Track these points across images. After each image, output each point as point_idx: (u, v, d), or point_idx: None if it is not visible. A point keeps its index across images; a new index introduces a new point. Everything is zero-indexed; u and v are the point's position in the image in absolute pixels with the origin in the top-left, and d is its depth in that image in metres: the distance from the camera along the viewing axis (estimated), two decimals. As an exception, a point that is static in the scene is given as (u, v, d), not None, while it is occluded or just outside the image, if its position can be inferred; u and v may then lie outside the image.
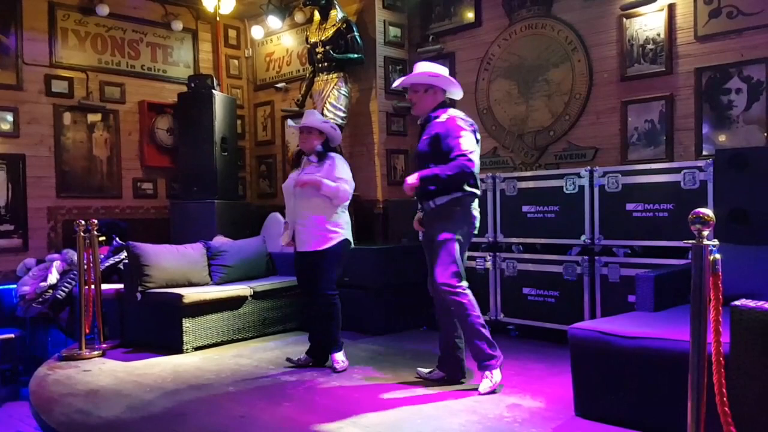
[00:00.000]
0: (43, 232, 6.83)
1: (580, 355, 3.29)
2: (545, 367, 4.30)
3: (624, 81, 5.47)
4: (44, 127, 6.86)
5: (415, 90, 4.01)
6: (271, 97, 8.22)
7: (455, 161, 3.73)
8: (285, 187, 4.60)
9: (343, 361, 4.37)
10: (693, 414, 2.21)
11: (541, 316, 5.12)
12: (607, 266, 4.76)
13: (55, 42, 6.95)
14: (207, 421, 3.37)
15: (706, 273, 2.18)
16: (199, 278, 5.56)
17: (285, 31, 7.94)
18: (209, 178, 7.12)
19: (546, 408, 3.47)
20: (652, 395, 2.99)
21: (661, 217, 4.51)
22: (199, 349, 5.08)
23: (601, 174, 4.82)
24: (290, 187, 4.50)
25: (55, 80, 6.93)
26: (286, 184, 4.57)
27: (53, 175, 6.92)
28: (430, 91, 3.99)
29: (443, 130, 3.84)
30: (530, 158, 6.07)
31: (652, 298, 3.68)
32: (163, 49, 7.85)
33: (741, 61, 4.83)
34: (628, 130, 5.45)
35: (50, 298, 5.94)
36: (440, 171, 3.75)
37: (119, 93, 7.43)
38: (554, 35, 5.89)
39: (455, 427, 3.19)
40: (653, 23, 5.28)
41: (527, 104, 6.12)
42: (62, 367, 4.70)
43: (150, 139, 7.64)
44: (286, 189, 4.56)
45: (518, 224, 5.29)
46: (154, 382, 4.20)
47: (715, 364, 2.13)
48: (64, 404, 3.74)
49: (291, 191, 4.49)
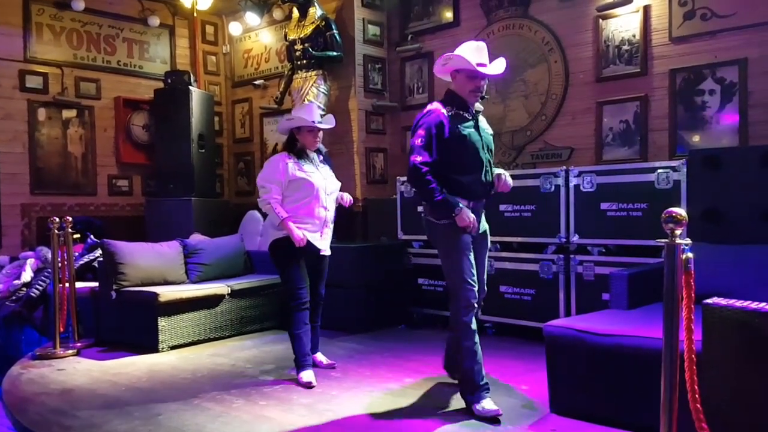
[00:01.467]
0: (16, 229, 6.72)
1: (555, 352, 3.33)
2: (521, 364, 4.34)
3: (600, 82, 5.53)
4: (18, 122, 6.75)
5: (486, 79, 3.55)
6: (249, 94, 8.18)
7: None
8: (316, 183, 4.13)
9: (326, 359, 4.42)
10: (666, 410, 2.25)
11: (517, 313, 5.16)
12: (582, 264, 4.81)
13: (29, 37, 6.84)
14: (184, 420, 3.35)
15: (678, 271, 2.21)
16: (175, 276, 5.52)
17: (263, 27, 7.90)
18: (186, 176, 7.07)
19: (522, 404, 3.50)
20: (626, 392, 3.04)
21: (635, 217, 4.56)
22: (175, 348, 5.05)
23: (577, 174, 4.86)
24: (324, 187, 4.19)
25: (30, 75, 6.83)
26: (317, 181, 4.15)
27: (27, 171, 6.81)
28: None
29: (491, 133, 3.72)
30: (507, 158, 6.12)
31: (626, 296, 3.73)
32: (139, 44, 7.77)
33: (715, 63, 4.91)
34: (603, 130, 5.51)
35: (24, 296, 5.86)
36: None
37: (95, 89, 7.34)
38: (531, 36, 5.94)
39: (431, 425, 3.21)
40: (629, 24, 5.34)
41: (504, 104, 6.16)
42: (36, 366, 4.64)
43: (126, 135, 7.56)
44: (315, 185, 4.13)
45: (495, 223, 5.28)
46: (129, 381, 4.16)
47: (687, 361, 2.17)
48: (38, 403, 3.70)
49: (326, 189, 4.21)
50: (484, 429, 3.14)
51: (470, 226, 3.38)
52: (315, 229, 4.16)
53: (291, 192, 4.12)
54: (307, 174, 4.14)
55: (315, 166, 4.25)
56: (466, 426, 3.18)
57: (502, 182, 3.59)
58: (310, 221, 4.14)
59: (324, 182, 4.22)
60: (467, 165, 3.44)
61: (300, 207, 4.12)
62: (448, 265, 3.48)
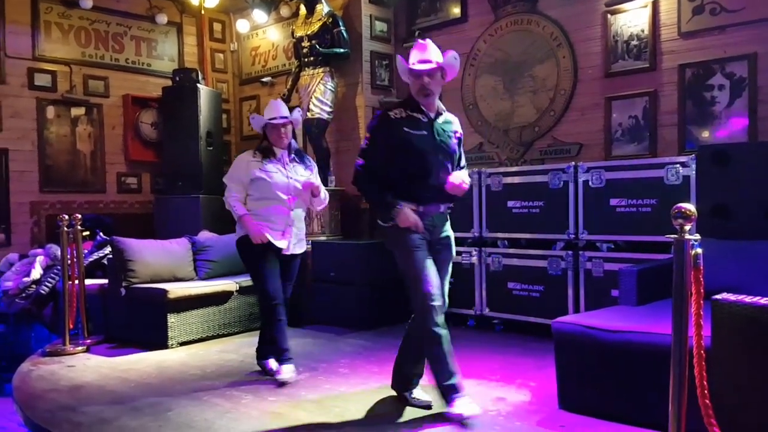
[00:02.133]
0: (26, 227, 6.76)
1: (564, 348, 3.32)
2: (530, 361, 4.33)
3: (608, 77, 5.50)
4: (27, 121, 6.79)
5: (433, 75, 3.35)
6: (256, 91, 8.19)
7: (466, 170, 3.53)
8: (275, 182, 4.12)
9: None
10: (674, 406, 2.24)
11: (525, 310, 5.15)
12: (591, 261, 4.79)
13: (38, 35, 6.87)
14: (193, 416, 3.36)
15: (687, 267, 2.21)
16: (184, 273, 5.54)
17: (270, 25, 7.91)
18: (194, 173, 7.09)
19: (530, 401, 3.50)
20: (635, 388, 3.03)
21: (645, 213, 4.55)
22: (184, 344, 5.07)
23: (585, 170, 4.85)
24: (285, 186, 4.14)
25: (38, 73, 6.86)
26: (278, 180, 4.13)
27: (36, 169, 6.85)
28: (442, 76, 3.41)
29: (461, 133, 3.55)
30: (515, 154, 6.10)
31: (635, 292, 3.71)
32: (147, 42, 7.79)
33: (724, 58, 4.88)
34: (612, 126, 5.48)
35: (33, 293, 5.89)
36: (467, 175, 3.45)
37: (103, 87, 7.37)
38: (539, 31, 5.92)
39: (441, 420, 3.20)
40: (637, 20, 5.31)
41: (512, 100, 6.14)
42: (46, 362, 4.67)
43: (134, 133, 7.59)
44: (276, 184, 4.12)
45: (503, 219, 5.32)
46: (138, 377, 4.19)
47: (696, 358, 2.16)
48: (48, 400, 3.72)
49: (286, 189, 4.14)
50: (494, 423, 3.14)
51: (413, 226, 3.28)
52: (276, 228, 4.13)
53: (252, 191, 4.14)
54: (268, 174, 4.12)
55: (282, 164, 4.19)
56: (476, 423, 3.17)
57: (449, 183, 3.31)
58: (270, 220, 4.12)
59: (287, 181, 4.15)
60: (413, 168, 3.34)
61: (261, 206, 4.13)
62: (402, 266, 3.35)
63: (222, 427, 3.18)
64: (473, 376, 4.00)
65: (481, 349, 4.73)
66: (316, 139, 6.67)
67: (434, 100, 3.41)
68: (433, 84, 3.34)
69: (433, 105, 3.42)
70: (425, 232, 3.34)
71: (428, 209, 3.36)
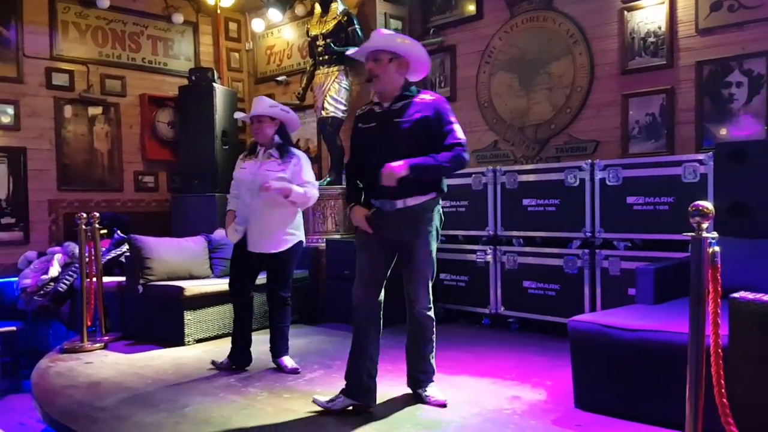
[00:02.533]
0: (44, 225, 6.84)
1: (580, 347, 3.30)
2: (545, 360, 4.32)
3: (625, 74, 5.46)
4: (45, 120, 6.86)
5: (377, 58, 3.28)
6: (271, 90, 8.21)
7: (452, 151, 3.22)
8: (241, 179, 4.24)
9: (293, 363, 4.25)
10: (691, 405, 2.23)
11: (541, 309, 5.13)
12: (608, 259, 4.77)
13: (55, 35, 6.94)
14: (209, 413, 3.38)
15: (705, 265, 2.19)
16: (200, 271, 5.58)
17: (286, 23, 7.94)
18: (210, 172, 7.13)
19: (546, 400, 3.49)
20: (652, 387, 3.01)
21: (662, 211, 4.51)
22: (201, 341, 5.11)
23: (602, 167, 4.82)
24: (249, 182, 4.17)
25: (56, 73, 6.93)
26: (243, 176, 4.22)
27: (54, 168, 6.93)
28: (395, 61, 3.30)
29: (432, 113, 3.28)
30: (531, 151, 6.07)
31: (652, 290, 3.69)
32: (163, 42, 7.84)
33: (742, 55, 4.82)
34: (629, 123, 5.44)
35: (52, 290, 5.96)
36: (435, 161, 3.19)
37: (120, 86, 7.43)
38: (555, 28, 5.88)
39: (456, 418, 3.21)
40: (654, 16, 5.27)
41: (528, 97, 6.11)
42: (64, 359, 4.72)
43: (151, 132, 7.65)
44: (243, 181, 4.22)
45: (519, 217, 5.30)
46: (155, 374, 4.22)
47: (713, 356, 2.15)
48: (66, 396, 3.76)
49: (250, 186, 4.16)
50: (509, 422, 3.13)
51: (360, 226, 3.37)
52: (242, 224, 4.22)
53: (233, 189, 4.39)
54: (239, 171, 4.31)
55: (255, 161, 4.24)
56: (489, 421, 3.17)
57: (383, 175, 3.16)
58: (243, 217, 4.22)
59: (251, 177, 4.17)
60: (359, 163, 3.41)
61: (237, 203, 4.30)
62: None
63: (238, 423, 3.20)
64: (488, 374, 3.99)
65: (497, 348, 4.72)
66: (330, 137, 6.68)
67: (386, 88, 3.33)
68: (379, 68, 3.28)
69: (386, 93, 3.36)
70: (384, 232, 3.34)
71: (383, 204, 3.34)
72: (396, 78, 3.33)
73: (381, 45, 3.30)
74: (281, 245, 4.21)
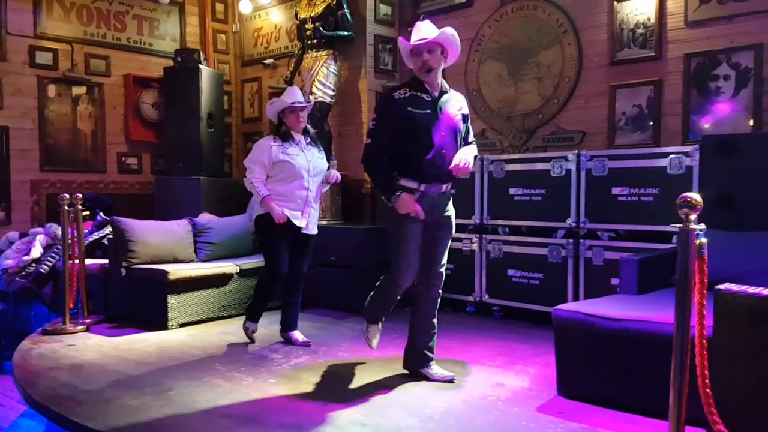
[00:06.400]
0: (26, 205, 6.75)
1: (563, 336, 3.33)
2: (529, 348, 4.35)
3: (613, 65, 5.48)
4: (28, 99, 6.75)
5: (432, 50, 3.42)
6: (258, 73, 8.15)
7: (474, 145, 3.64)
8: (297, 165, 4.35)
9: (302, 337, 4.54)
10: (675, 395, 2.25)
11: (525, 297, 5.17)
12: (591, 249, 4.80)
13: (39, 12, 6.81)
14: (194, 396, 3.37)
15: (692, 257, 2.21)
16: (184, 255, 5.55)
17: (274, 6, 7.85)
18: (195, 154, 7.07)
19: (529, 387, 3.52)
20: (635, 376, 3.04)
21: (647, 202, 4.55)
22: (185, 325, 5.09)
23: (589, 158, 4.85)
24: (304, 167, 4.38)
25: (40, 51, 6.81)
26: (300, 162, 4.36)
27: (37, 148, 6.82)
28: (444, 53, 3.49)
29: (467, 110, 3.65)
30: (518, 141, 6.09)
31: (636, 281, 3.72)
32: (149, 22, 7.73)
33: (730, 48, 4.86)
34: (616, 114, 5.47)
35: (34, 272, 5.89)
36: (475, 151, 3.60)
37: (104, 66, 7.32)
38: (545, 17, 5.88)
39: (440, 404, 3.23)
40: (644, 8, 5.28)
41: (516, 86, 6.12)
42: (46, 341, 4.68)
43: (135, 113, 7.55)
44: (299, 166, 4.36)
45: (505, 206, 5.32)
46: (139, 357, 4.20)
47: (698, 347, 2.17)
48: (48, 378, 3.74)
49: (307, 169, 4.39)
50: (494, 408, 3.15)
51: (412, 213, 3.38)
52: (296, 207, 4.38)
53: (275, 173, 4.38)
54: (290, 156, 4.36)
55: (300, 148, 4.43)
56: (473, 407, 3.19)
57: (454, 165, 3.36)
58: (291, 200, 4.37)
59: (308, 164, 4.41)
60: (416, 148, 3.40)
61: (282, 187, 4.36)
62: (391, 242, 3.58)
63: (224, 407, 3.20)
64: (472, 361, 4.02)
65: (481, 335, 4.75)
66: (318, 122, 6.63)
67: (436, 78, 3.48)
68: (433, 60, 3.42)
69: (435, 83, 3.49)
70: (424, 216, 3.42)
71: (430, 189, 3.45)
72: (440, 71, 3.51)
73: (439, 38, 3.42)
74: (316, 226, 4.59)
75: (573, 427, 2.91)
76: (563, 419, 3.01)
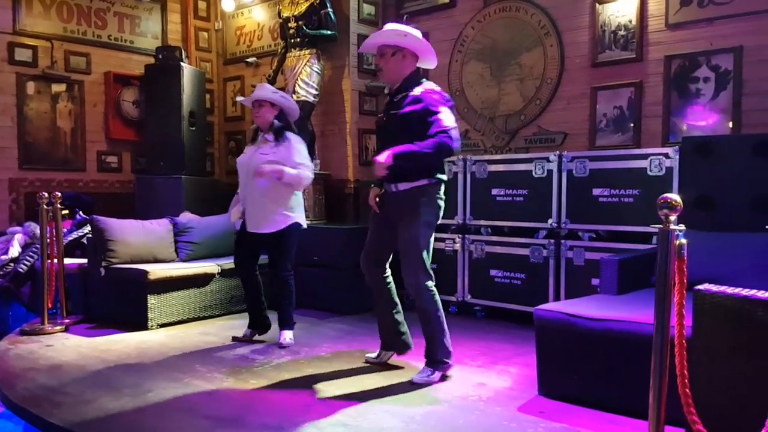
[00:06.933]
0: (4, 204, 6.66)
1: (545, 335, 3.34)
2: (510, 348, 4.37)
3: (595, 67, 5.51)
4: (7, 96, 6.65)
5: (382, 53, 3.58)
6: (241, 71, 8.10)
7: (435, 138, 3.37)
8: (240, 163, 4.52)
9: (290, 338, 4.47)
10: (655, 395, 2.27)
11: (507, 297, 5.19)
12: (572, 250, 4.83)
13: (18, 9, 6.72)
14: (174, 398, 3.34)
15: (671, 257, 2.22)
16: (165, 255, 5.50)
17: (257, 4, 7.81)
18: (176, 153, 7.01)
19: (511, 387, 3.53)
20: (615, 376, 3.06)
21: (627, 203, 4.58)
22: (165, 326, 5.04)
23: (570, 159, 4.87)
24: (246, 165, 4.44)
25: (19, 48, 6.72)
26: (242, 160, 4.51)
27: (15, 146, 6.73)
28: (399, 54, 3.56)
29: (419, 106, 3.47)
30: (501, 142, 6.11)
31: (616, 281, 3.75)
32: (130, 19, 7.66)
33: (710, 50, 4.90)
34: (597, 116, 5.50)
35: (11, 271, 5.81)
36: (417, 148, 3.35)
37: (85, 63, 7.24)
38: (528, 19, 5.91)
39: (422, 404, 3.22)
40: (625, 10, 5.32)
41: (499, 87, 6.13)
42: (24, 341, 4.62)
43: (116, 111, 7.47)
44: (242, 165, 4.50)
45: (487, 207, 5.33)
46: (118, 358, 4.15)
47: (677, 347, 2.18)
48: (26, 379, 3.68)
49: (247, 169, 4.42)
50: (475, 408, 3.16)
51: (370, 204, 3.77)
52: (242, 207, 4.49)
53: None
54: (241, 157, 4.53)
55: (257, 147, 4.46)
56: (455, 407, 3.19)
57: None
58: (245, 200, 4.48)
59: (247, 161, 4.42)
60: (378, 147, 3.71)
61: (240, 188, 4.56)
62: None
63: (203, 409, 3.17)
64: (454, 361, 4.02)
65: (463, 335, 4.74)
66: (301, 122, 6.60)
67: (390, 80, 3.67)
68: (382, 62, 3.61)
69: (392, 85, 3.68)
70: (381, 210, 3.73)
71: (387, 188, 3.70)
72: (399, 70, 3.60)
73: (382, 40, 3.58)
74: (276, 226, 4.38)
75: (554, 427, 2.92)
76: (544, 419, 3.02)
